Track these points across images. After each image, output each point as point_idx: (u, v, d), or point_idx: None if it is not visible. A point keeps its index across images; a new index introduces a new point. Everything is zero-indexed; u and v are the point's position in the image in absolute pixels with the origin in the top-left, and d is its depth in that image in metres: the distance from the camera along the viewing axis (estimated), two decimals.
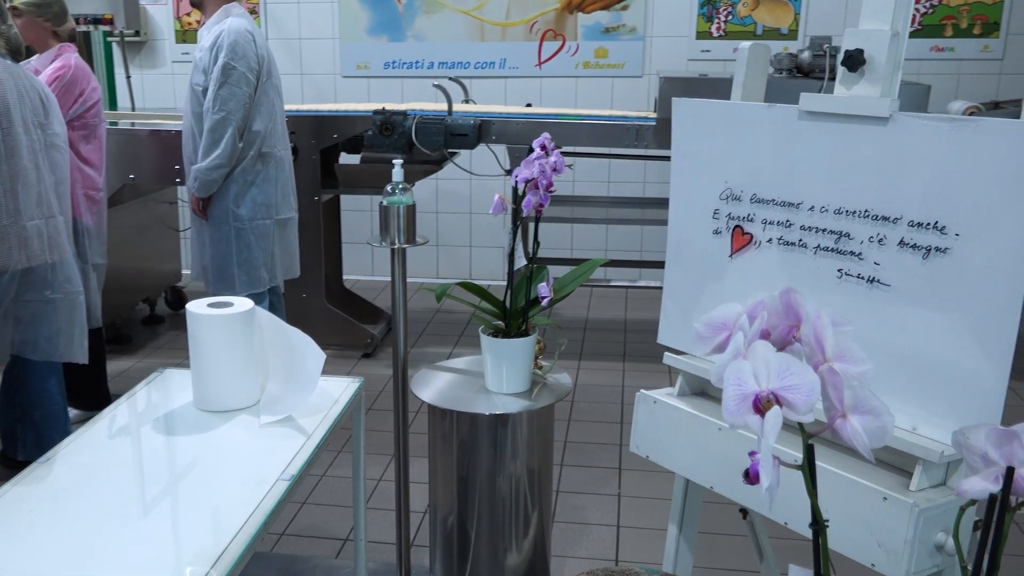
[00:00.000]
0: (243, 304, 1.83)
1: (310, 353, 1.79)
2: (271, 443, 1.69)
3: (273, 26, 5.50)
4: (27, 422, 2.92)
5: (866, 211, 1.63)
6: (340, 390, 1.93)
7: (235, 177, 3.36)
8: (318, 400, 1.85)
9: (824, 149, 1.69)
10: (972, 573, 0.77)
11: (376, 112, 3.98)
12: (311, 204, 4.13)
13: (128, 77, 5.48)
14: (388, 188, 2.21)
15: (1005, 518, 0.72)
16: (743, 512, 2.05)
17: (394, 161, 2.20)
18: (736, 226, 1.84)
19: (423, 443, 2.46)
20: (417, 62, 5.41)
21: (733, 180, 1.84)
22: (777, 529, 1.71)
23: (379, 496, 3.00)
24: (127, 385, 3.84)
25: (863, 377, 0.78)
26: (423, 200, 5.33)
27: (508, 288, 2.12)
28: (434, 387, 2.23)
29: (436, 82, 4.15)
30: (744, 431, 1.65)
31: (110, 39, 5.57)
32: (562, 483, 3.09)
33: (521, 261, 2.10)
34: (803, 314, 0.83)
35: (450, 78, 4.69)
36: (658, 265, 5.05)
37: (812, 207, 1.71)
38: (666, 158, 4.72)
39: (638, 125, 4.08)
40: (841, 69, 1.69)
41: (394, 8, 5.38)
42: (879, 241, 1.61)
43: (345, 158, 4.46)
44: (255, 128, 3.35)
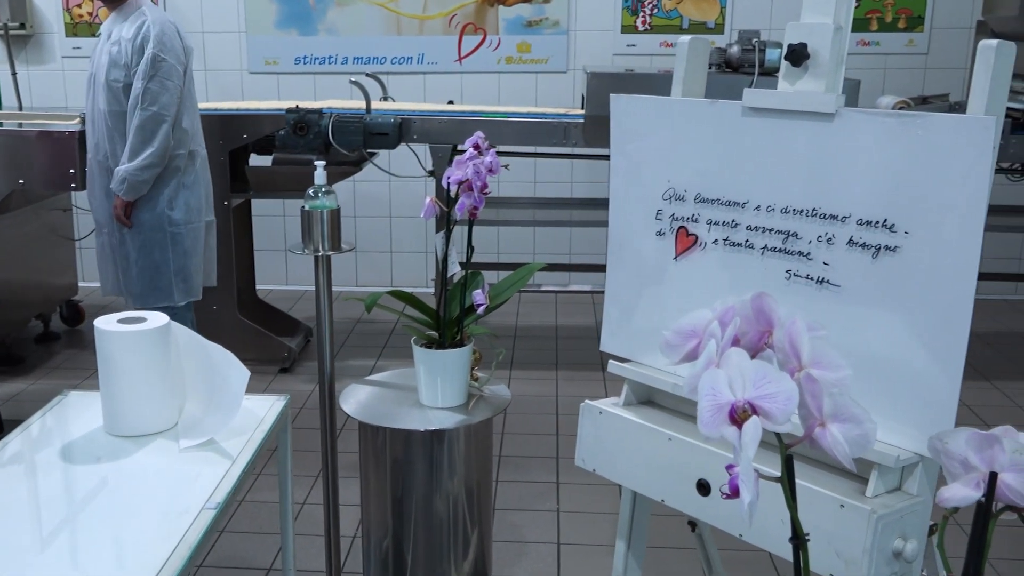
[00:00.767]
0: (157, 319, 1.77)
1: (233, 370, 1.75)
2: (193, 469, 1.64)
3: (173, 18, 5.36)
4: None
5: (813, 210, 1.66)
6: (265, 409, 1.88)
7: (167, 178, 3.27)
8: (242, 420, 1.80)
9: (769, 146, 1.72)
10: None
11: (289, 110, 3.91)
12: (221, 209, 4.03)
13: (14, 74, 5.27)
14: (310, 192, 2.17)
15: (988, 525, 0.74)
16: (691, 524, 2.07)
17: (316, 162, 2.16)
18: (680, 227, 1.86)
19: (351, 463, 2.42)
20: (330, 57, 5.35)
21: (676, 179, 1.86)
22: (726, 541, 1.73)
23: (305, 521, 2.94)
24: (21, 410, 3.68)
25: (842, 383, 0.78)
26: (340, 203, 5.26)
27: (442, 296, 2.10)
28: (363, 402, 2.20)
29: (353, 78, 4.11)
30: (703, 443, 1.66)
31: None
32: (498, 500, 3.07)
33: (455, 267, 2.08)
34: (775, 319, 0.83)
35: (367, 74, 4.64)
36: (589, 269, 5.13)
37: (758, 206, 1.74)
38: (595, 157, 4.76)
39: (566, 123, 4.10)
40: (784, 64, 1.72)
41: (304, 0, 5.30)
42: (828, 240, 1.64)
43: (255, 159, 4.37)
44: (184, 125, 3.27)
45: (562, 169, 5.34)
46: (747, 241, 1.76)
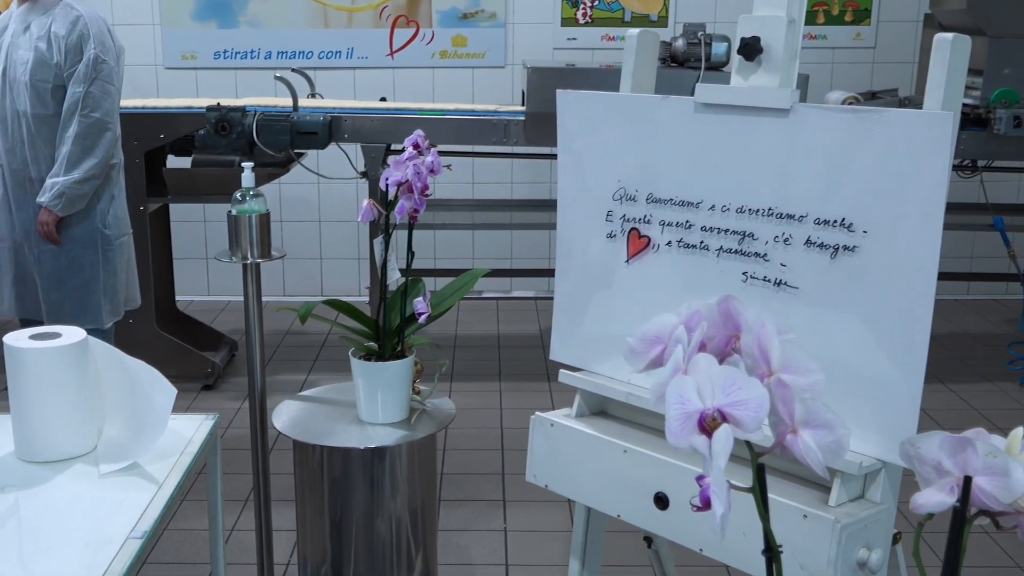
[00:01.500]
0: (73, 333, 1.73)
1: (157, 388, 1.71)
2: (116, 495, 1.60)
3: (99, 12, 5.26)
4: None
5: (770, 209, 1.69)
6: (192, 429, 1.85)
7: (100, 190, 3.14)
8: (167, 442, 1.76)
9: (723, 144, 1.74)
10: None
11: (210, 108, 3.86)
12: (137, 215, 3.95)
13: None
14: (237, 195, 2.15)
15: (964, 530, 0.76)
16: (647, 540, 2.08)
17: (244, 164, 2.14)
18: (632, 229, 1.87)
19: (285, 485, 2.39)
20: (252, 51, 5.29)
21: (627, 179, 1.87)
22: (685, 557, 1.75)
23: (236, 549, 2.89)
24: None
25: (814, 388, 0.80)
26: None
27: (381, 305, 2.09)
28: (297, 419, 2.18)
29: (278, 74, 4.07)
30: (660, 455, 1.67)
31: None
32: (441, 520, 3.06)
33: (395, 274, 2.07)
34: (743, 323, 0.84)
35: (292, 69, 4.60)
36: (532, 274, 5.15)
37: (713, 206, 1.76)
38: (537, 156, 4.78)
39: (506, 120, 4.11)
40: (737, 58, 1.75)
41: None
42: (785, 241, 1.67)
43: (173, 161, 4.31)
44: (117, 132, 3.17)
45: (502, 169, 5.36)
46: (702, 242, 1.78)
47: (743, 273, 1.72)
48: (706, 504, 0.78)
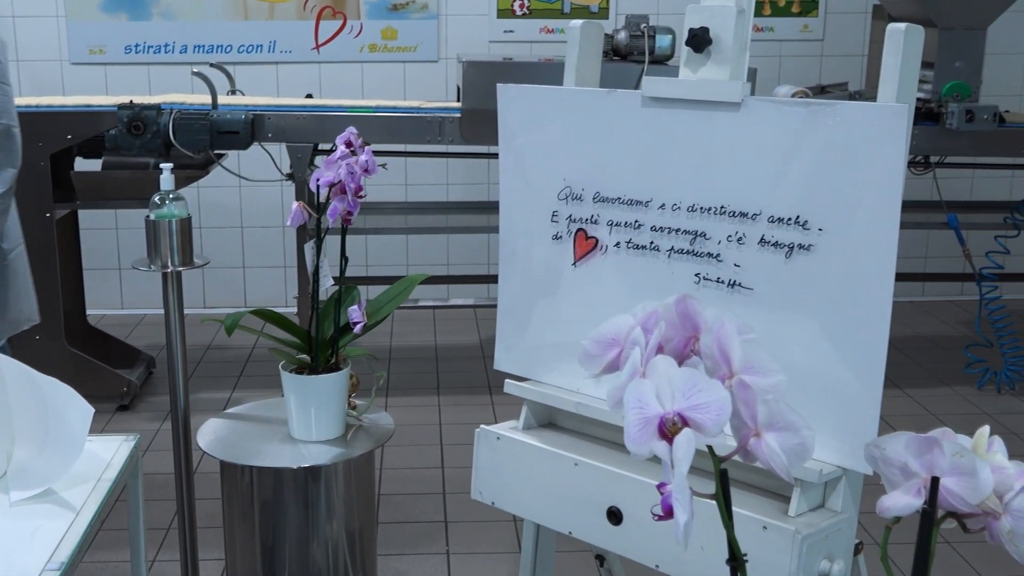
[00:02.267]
0: None
1: (72, 407, 1.68)
2: (28, 525, 1.57)
3: None
4: None
5: (722, 207, 1.72)
6: (111, 451, 1.82)
7: None
8: (84, 466, 1.73)
9: (672, 139, 1.77)
10: None
11: (122, 107, 3.81)
12: (42, 223, 3.88)
13: None
14: (156, 199, 2.12)
15: (931, 533, 0.78)
16: (599, 558, 2.10)
17: (162, 165, 2.11)
18: (579, 230, 1.89)
19: (212, 511, 2.36)
20: (167, 45, 5.22)
21: (573, 177, 1.89)
22: (639, 574, 1.76)
23: None
24: None
25: (776, 389, 0.82)
26: None
27: (313, 314, 2.08)
28: (224, 439, 2.16)
29: (195, 69, 4.03)
30: (613, 468, 1.68)
31: None
32: (380, 543, 3.05)
33: (328, 281, 2.06)
34: (702, 323, 0.86)
35: (211, 64, 4.55)
36: (471, 280, 5.15)
37: (663, 205, 1.79)
38: (474, 155, 4.79)
39: (441, 117, 4.11)
40: (686, 50, 1.77)
41: None
42: (738, 240, 1.70)
43: (81, 164, 4.23)
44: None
45: (437, 170, 5.35)
46: (652, 243, 1.80)
47: (696, 274, 1.75)
48: (668, 513, 0.79)
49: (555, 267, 1.92)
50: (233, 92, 4.50)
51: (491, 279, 5.04)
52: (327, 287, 2.07)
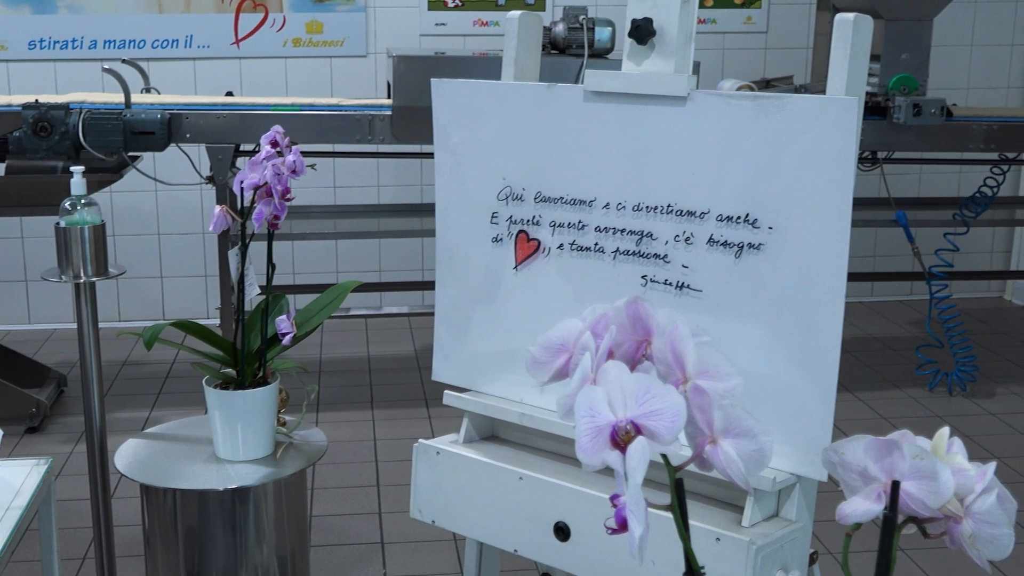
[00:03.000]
0: None
1: None
2: None
3: None
4: None
5: (669, 206, 1.73)
6: (21, 477, 1.78)
7: None
8: None
9: (616, 135, 1.78)
10: None
11: (27, 106, 3.74)
12: None
13: None
14: (66, 204, 2.09)
15: (893, 539, 0.79)
16: None
17: (73, 168, 2.08)
18: (520, 231, 1.89)
19: (132, 537, 2.32)
20: (74, 40, 5.13)
21: (512, 176, 1.89)
22: None
23: None
24: None
25: (732, 394, 0.82)
26: None
27: (239, 326, 2.05)
28: (144, 460, 2.13)
29: (106, 66, 3.97)
30: (560, 481, 1.69)
31: None
32: (313, 568, 3.02)
33: (254, 289, 2.04)
34: (654, 326, 0.86)
35: (123, 60, 4.48)
36: (405, 287, 5.13)
37: (607, 204, 1.80)
38: (406, 155, 4.78)
39: (371, 116, 4.10)
40: (628, 42, 1.79)
41: None
42: (686, 240, 1.72)
43: None
44: None
45: (367, 171, 5.33)
46: (596, 244, 1.81)
47: (643, 277, 1.76)
48: (622, 526, 0.79)
49: (495, 271, 1.92)
50: (147, 90, 4.44)
51: (426, 285, 5.03)
52: (253, 296, 2.05)
